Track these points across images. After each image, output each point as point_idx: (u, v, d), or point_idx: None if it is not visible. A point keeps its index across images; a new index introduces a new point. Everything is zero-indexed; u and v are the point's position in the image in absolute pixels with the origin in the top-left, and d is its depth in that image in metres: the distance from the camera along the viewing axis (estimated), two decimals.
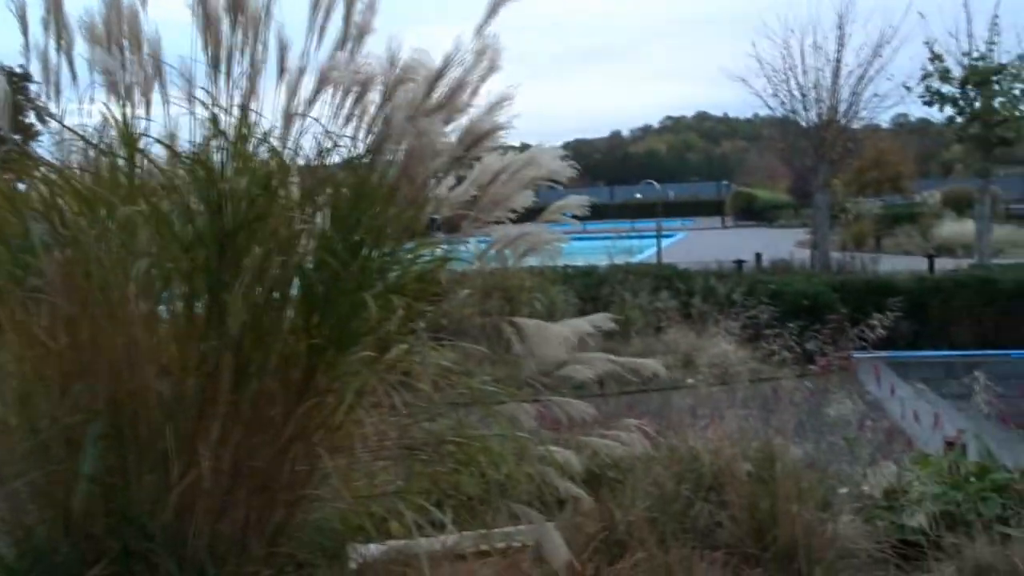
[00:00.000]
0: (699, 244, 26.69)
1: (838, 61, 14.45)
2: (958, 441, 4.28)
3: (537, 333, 2.52)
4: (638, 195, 47.96)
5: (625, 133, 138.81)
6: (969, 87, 13.04)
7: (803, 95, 14.80)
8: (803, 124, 15.01)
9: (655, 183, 26.42)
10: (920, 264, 13.02)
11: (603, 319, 2.73)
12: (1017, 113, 12.95)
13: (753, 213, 41.64)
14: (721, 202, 49.86)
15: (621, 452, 2.83)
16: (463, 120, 2.51)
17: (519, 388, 2.74)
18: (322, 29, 2.49)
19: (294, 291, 2.43)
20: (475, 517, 2.57)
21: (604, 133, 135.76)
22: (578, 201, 2.77)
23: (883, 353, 9.03)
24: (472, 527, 2.55)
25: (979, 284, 9.01)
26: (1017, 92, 12.88)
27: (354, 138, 2.53)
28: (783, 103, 15.05)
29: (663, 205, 49.95)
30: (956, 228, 21.11)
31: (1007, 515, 3.16)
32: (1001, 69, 12.82)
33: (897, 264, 14.05)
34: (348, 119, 2.51)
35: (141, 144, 2.46)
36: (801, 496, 3.09)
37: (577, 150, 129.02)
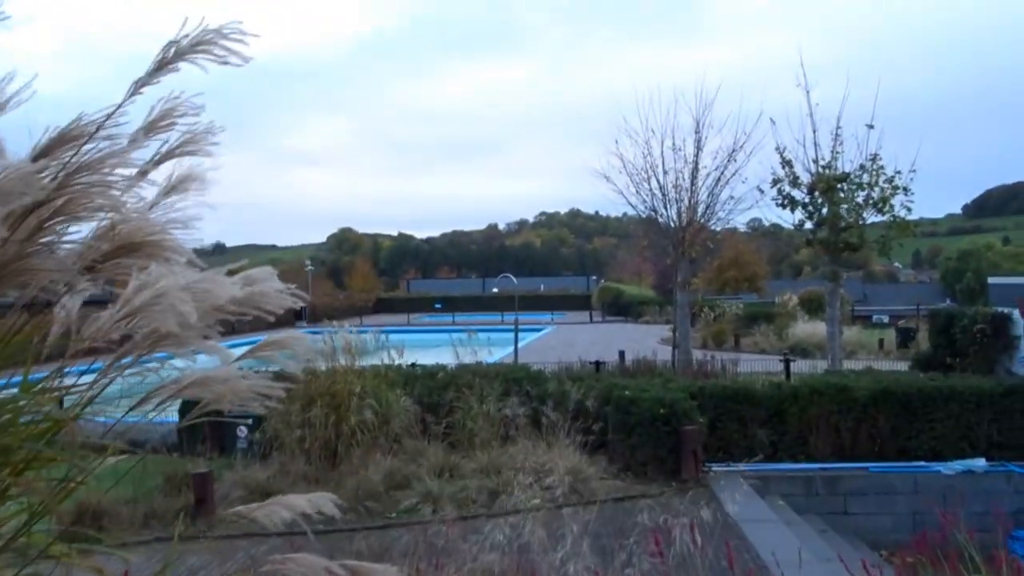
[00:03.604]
0: (564, 339, 26.45)
1: (696, 163, 14.70)
2: None
3: None
4: (495, 289, 47.97)
5: (501, 226, 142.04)
6: (816, 193, 13.39)
7: (663, 194, 14.90)
8: (664, 223, 15.06)
9: (512, 277, 26.05)
10: (776, 365, 12.94)
11: (327, 501, 1.79)
12: (860, 220, 13.36)
13: (620, 308, 42.34)
14: (590, 296, 50.69)
15: None
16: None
17: None
18: None
19: None
20: None
21: (481, 225, 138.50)
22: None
23: (742, 466, 8.55)
24: None
25: (835, 391, 8.74)
26: (860, 200, 13.30)
27: None
28: (644, 201, 15.10)
29: (533, 298, 50.27)
30: (809, 329, 21.77)
31: None
32: (845, 177, 13.25)
33: (755, 364, 13.98)
34: None
35: None
36: None
37: (454, 241, 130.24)
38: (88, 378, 1.63)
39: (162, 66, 1.54)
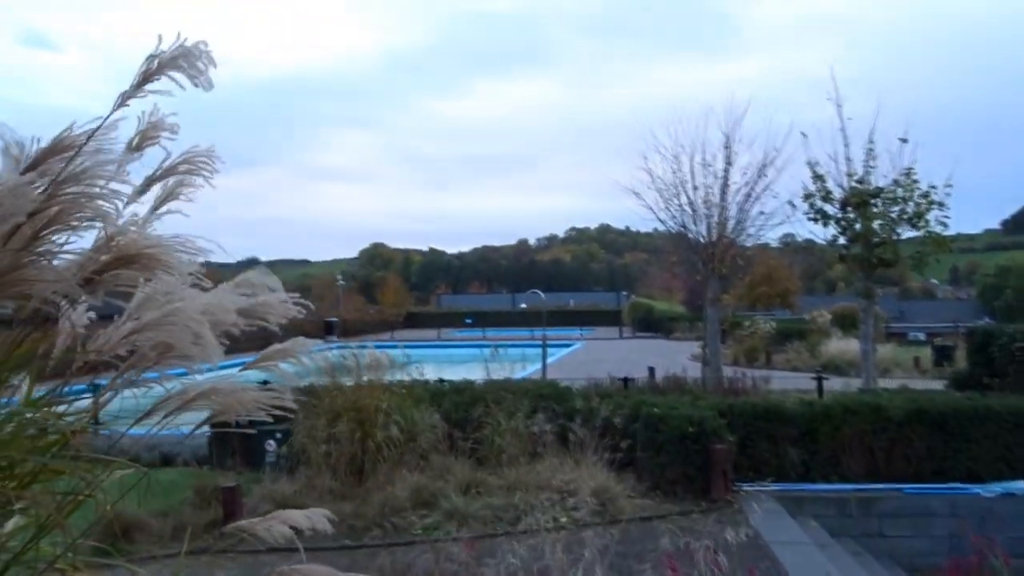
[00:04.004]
0: (594, 355, 26.32)
1: (726, 179, 14.60)
2: None
3: None
4: (524, 304, 47.93)
5: (532, 241, 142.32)
6: (849, 208, 13.22)
7: (693, 210, 14.82)
8: (694, 239, 14.96)
9: (540, 293, 26.01)
10: (809, 383, 12.74)
11: (321, 517, 1.79)
12: (895, 236, 13.16)
13: (650, 324, 42.08)
14: (620, 312, 50.46)
15: None
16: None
17: None
18: None
19: None
20: None
21: (511, 240, 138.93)
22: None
23: (773, 486, 8.41)
24: None
25: (868, 410, 8.57)
26: (894, 215, 13.10)
27: None
28: (674, 217, 15.02)
29: (563, 314, 50.19)
30: (842, 346, 21.43)
31: None
32: (878, 192, 13.07)
33: (787, 382, 13.78)
34: None
35: None
36: None
37: (484, 256, 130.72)
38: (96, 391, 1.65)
39: (145, 80, 1.54)
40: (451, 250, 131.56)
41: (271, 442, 8.66)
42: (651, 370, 14.32)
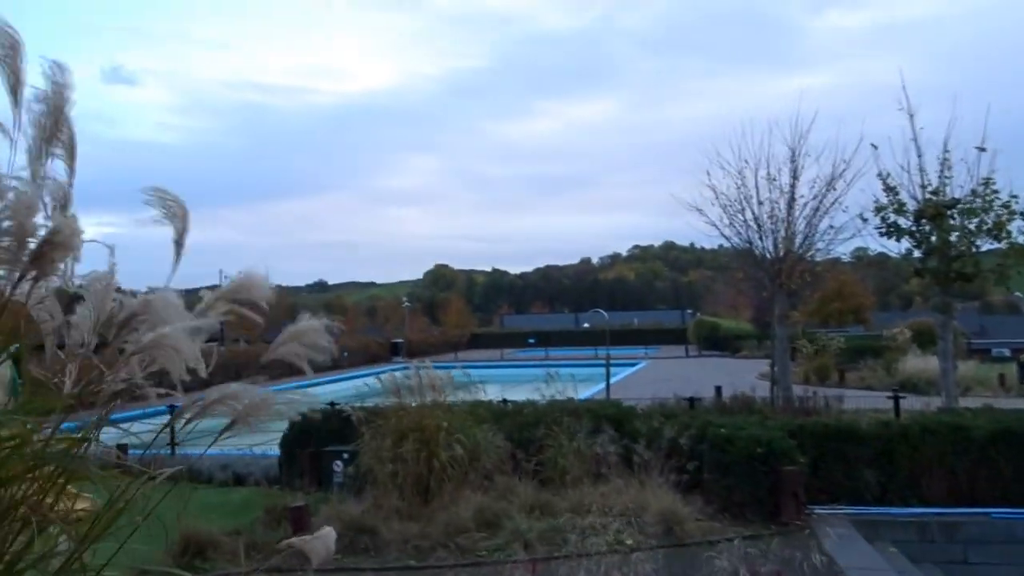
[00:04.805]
0: (659, 374, 25.96)
1: (792, 193, 14.27)
2: None
3: None
4: (586, 323, 47.61)
5: (594, 260, 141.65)
6: (924, 221, 12.76)
7: (759, 226, 14.53)
8: (760, 254, 14.66)
9: (603, 312, 25.82)
10: (884, 402, 12.28)
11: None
12: (973, 248, 12.64)
13: (716, 342, 41.31)
14: (685, 330, 49.71)
15: None
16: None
17: None
18: None
19: None
20: None
21: (574, 259, 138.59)
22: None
23: (848, 509, 8.11)
24: None
25: (949, 431, 8.21)
26: (972, 227, 12.59)
27: None
28: (739, 233, 14.75)
29: (627, 332, 49.73)
30: (920, 363, 20.63)
31: None
32: (955, 203, 12.58)
33: (861, 401, 13.31)
34: None
35: None
36: None
37: (547, 275, 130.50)
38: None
39: None
40: (514, 270, 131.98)
41: (339, 462, 8.79)
42: (718, 389, 14.06)
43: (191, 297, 1.72)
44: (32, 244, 1.51)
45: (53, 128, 1.68)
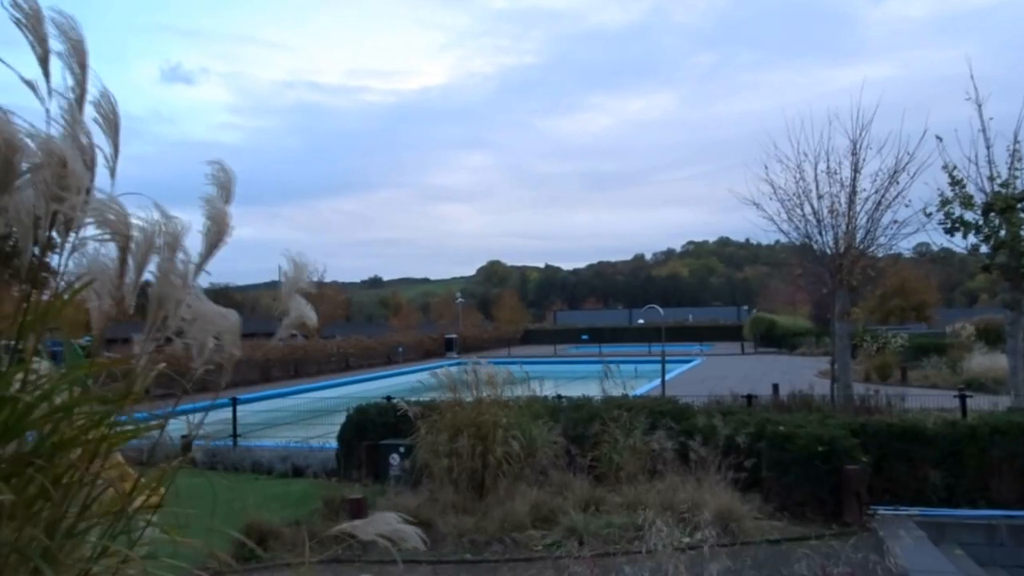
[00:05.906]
0: (714, 371, 25.62)
1: (853, 186, 13.92)
2: None
3: None
4: (641, 320, 47.14)
5: (648, 256, 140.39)
6: (992, 214, 12.31)
7: (818, 220, 14.21)
8: (819, 250, 14.34)
9: (658, 308, 25.54)
10: (950, 401, 11.92)
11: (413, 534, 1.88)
12: None
13: (773, 339, 40.54)
14: (741, 327, 48.91)
15: None
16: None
17: None
18: None
19: None
20: None
21: (627, 256, 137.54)
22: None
23: (913, 510, 7.91)
24: None
25: (1019, 431, 7.93)
26: None
27: None
28: (797, 228, 14.45)
29: (682, 329, 49.12)
30: (987, 362, 19.93)
31: None
32: None
33: (925, 400, 12.94)
34: None
35: None
36: None
37: (600, 272, 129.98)
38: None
39: None
40: (567, 266, 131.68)
41: (395, 456, 8.92)
42: (775, 387, 13.81)
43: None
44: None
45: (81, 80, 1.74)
